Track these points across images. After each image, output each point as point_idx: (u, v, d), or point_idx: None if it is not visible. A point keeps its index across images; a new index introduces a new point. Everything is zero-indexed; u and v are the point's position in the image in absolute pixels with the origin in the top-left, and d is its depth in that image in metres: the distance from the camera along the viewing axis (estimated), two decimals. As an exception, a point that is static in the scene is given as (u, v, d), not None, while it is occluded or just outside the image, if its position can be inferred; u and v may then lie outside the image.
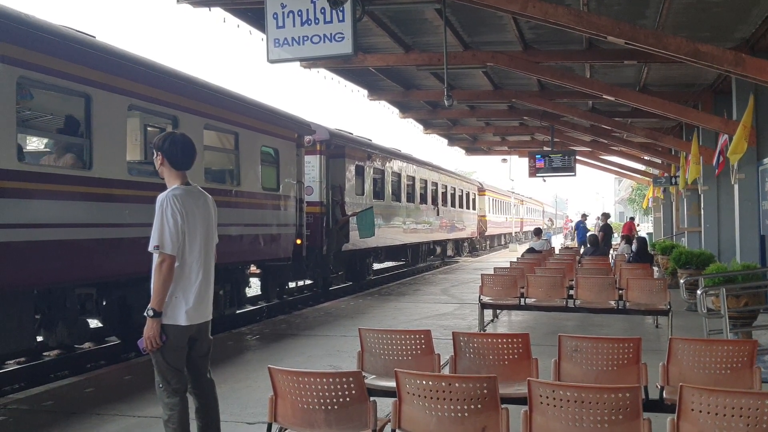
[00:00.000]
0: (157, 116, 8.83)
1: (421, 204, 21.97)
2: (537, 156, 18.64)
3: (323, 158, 14.06)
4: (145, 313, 3.82)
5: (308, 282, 15.57)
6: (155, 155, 4.06)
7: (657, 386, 4.24)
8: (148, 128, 9.58)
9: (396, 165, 19.23)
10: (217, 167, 10.31)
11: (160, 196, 3.91)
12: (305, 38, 7.54)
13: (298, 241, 12.08)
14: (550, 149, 19.00)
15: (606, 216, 20.99)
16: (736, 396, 2.92)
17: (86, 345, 9.40)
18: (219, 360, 7.18)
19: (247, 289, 11.64)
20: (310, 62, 10.97)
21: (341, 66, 12.18)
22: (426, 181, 22.77)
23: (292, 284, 14.55)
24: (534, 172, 18.60)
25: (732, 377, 4.17)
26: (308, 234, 12.76)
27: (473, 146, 25.31)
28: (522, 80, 14.07)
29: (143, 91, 8.01)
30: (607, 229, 19.29)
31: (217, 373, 4.34)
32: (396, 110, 17.57)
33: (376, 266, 20.16)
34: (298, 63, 10.13)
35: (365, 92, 15.11)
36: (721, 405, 2.89)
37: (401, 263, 23.14)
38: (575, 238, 23.32)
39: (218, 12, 9.30)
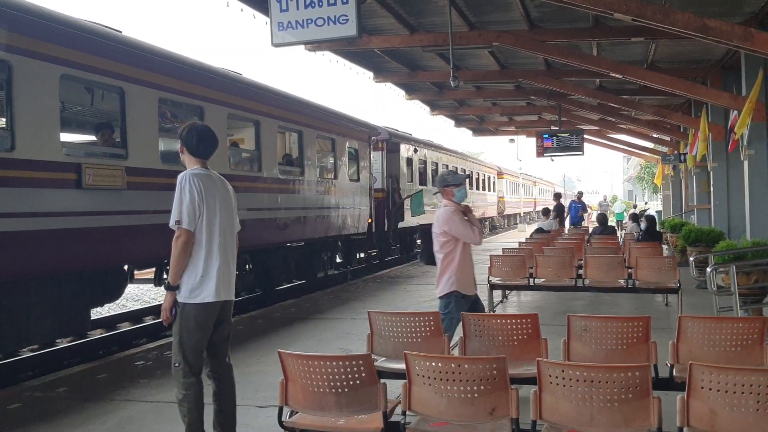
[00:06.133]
0: (288, 131, 11.75)
1: None
2: (544, 135, 18.54)
3: (384, 153, 16.95)
4: (163, 286, 3.90)
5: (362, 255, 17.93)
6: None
7: (666, 364, 4.23)
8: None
9: (434, 155, 21.77)
10: (323, 166, 13.31)
11: (180, 175, 3.96)
12: (309, 21, 7.49)
13: (369, 220, 15.03)
14: (557, 128, 18.90)
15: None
16: (746, 373, 2.90)
17: (98, 331, 9.52)
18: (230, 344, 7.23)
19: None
20: (315, 45, 10.90)
21: (346, 48, 12.11)
22: (456, 168, 24.50)
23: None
24: (542, 151, 18.54)
25: (742, 355, 4.14)
26: (374, 215, 15.60)
27: (480, 127, 25.23)
28: (528, 59, 13.95)
29: (283, 115, 10.98)
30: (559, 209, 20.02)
31: (228, 358, 4.38)
32: (402, 92, 17.48)
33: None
34: (302, 46, 10.09)
35: (371, 74, 15.04)
36: (731, 382, 2.88)
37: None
38: (567, 218, 23.44)
39: (222, -4, 9.29)
